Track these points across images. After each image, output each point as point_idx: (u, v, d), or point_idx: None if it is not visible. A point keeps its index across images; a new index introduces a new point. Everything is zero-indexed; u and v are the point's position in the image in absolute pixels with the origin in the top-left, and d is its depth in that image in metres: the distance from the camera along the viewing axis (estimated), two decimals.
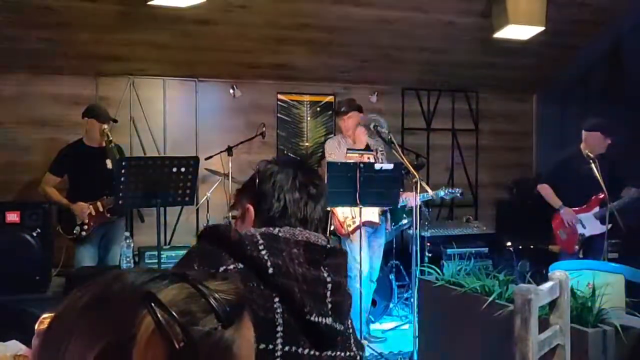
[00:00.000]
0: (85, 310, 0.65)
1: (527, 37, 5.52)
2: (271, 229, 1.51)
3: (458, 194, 5.28)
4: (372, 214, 4.76)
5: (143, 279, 0.67)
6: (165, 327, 0.62)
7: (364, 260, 4.53)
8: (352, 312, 1.61)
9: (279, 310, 1.39)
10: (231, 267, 1.40)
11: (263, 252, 1.41)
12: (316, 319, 1.42)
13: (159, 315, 0.62)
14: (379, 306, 5.33)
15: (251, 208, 1.62)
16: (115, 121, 4.89)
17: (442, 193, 5.11)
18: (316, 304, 1.43)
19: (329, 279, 1.48)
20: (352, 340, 1.56)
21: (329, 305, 1.46)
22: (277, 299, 1.39)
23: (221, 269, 1.39)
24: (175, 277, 0.68)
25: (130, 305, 0.64)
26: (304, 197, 1.60)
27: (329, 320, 1.45)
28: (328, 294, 1.47)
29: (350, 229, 4.75)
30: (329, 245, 1.53)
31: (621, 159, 5.03)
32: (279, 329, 1.38)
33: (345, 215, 4.79)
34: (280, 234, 1.49)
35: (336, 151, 4.87)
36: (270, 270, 1.39)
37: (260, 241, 1.44)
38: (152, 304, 0.63)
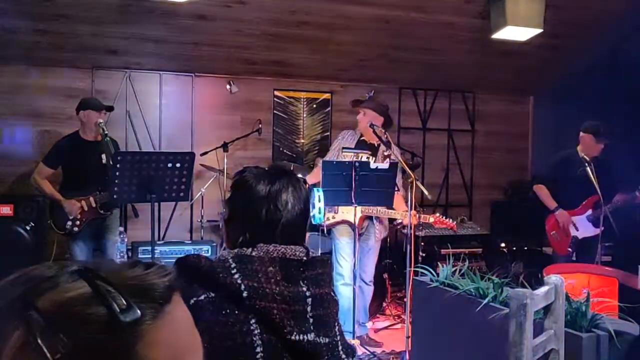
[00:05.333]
0: None
1: (525, 38, 5.52)
2: (244, 249, 1.49)
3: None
4: (350, 213, 4.55)
5: (41, 276, 0.60)
6: (37, 337, 0.53)
7: (349, 261, 4.51)
8: (341, 314, 1.61)
9: (256, 332, 1.38)
10: (202, 297, 1.38)
11: (236, 276, 1.40)
12: (297, 337, 1.41)
13: (31, 324, 0.54)
14: (372, 305, 5.33)
15: (226, 222, 1.62)
16: (111, 108, 4.85)
17: (432, 219, 4.72)
18: (297, 322, 1.42)
19: (308, 293, 1.47)
20: (340, 348, 1.54)
21: (311, 320, 1.46)
22: (253, 321, 1.38)
23: (191, 301, 1.37)
24: (75, 273, 0.60)
25: (8, 313, 0.56)
26: (277, 210, 1.54)
27: (311, 336, 1.44)
28: (309, 309, 1.46)
29: (328, 222, 4.72)
30: (305, 258, 1.51)
31: (616, 162, 5.04)
32: (259, 349, 1.38)
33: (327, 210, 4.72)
34: (254, 254, 1.47)
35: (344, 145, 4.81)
36: (245, 294, 1.38)
37: (233, 265, 1.42)
38: (27, 310, 0.55)
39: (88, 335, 0.55)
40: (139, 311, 0.57)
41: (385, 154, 4.70)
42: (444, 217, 4.69)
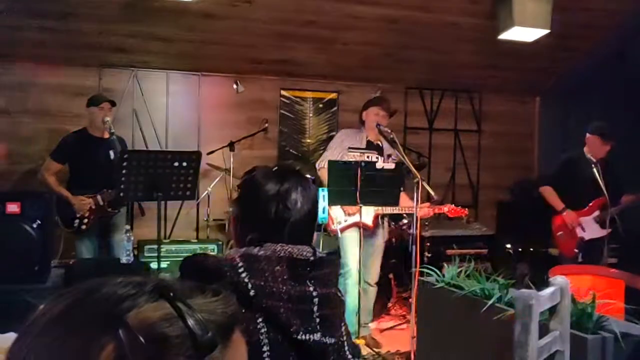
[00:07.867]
0: (49, 326, 0.59)
1: (532, 39, 5.51)
2: (252, 248, 1.49)
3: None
4: (365, 215, 4.61)
5: (119, 294, 0.60)
6: (129, 356, 0.55)
7: (356, 260, 4.50)
8: (347, 312, 1.62)
9: (263, 331, 1.39)
10: None
11: (243, 275, 1.40)
12: (303, 336, 1.42)
13: (124, 343, 0.56)
14: (377, 305, 5.32)
15: (234, 221, 1.62)
16: (113, 104, 4.84)
17: (445, 209, 4.76)
18: (303, 322, 1.43)
19: (315, 293, 1.47)
20: (346, 348, 1.55)
21: (317, 320, 1.46)
22: (260, 320, 1.39)
23: None
24: (155, 293, 0.61)
25: (95, 328, 0.57)
26: (286, 209, 1.53)
27: (317, 336, 1.44)
28: (315, 308, 1.46)
29: (340, 226, 4.72)
30: (312, 258, 1.51)
31: (623, 163, 5.03)
32: (265, 349, 1.39)
33: (335, 214, 4.73)
34: (261, 253, 1.46)
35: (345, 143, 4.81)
36: (252, 293, 1.39)
37: (240, 264, 1.43)
38: (118, 329, 0.56)
39: (172, 356, 0.58)
40: (214, 337, 0.61)
41: (388, 153, 4.72)
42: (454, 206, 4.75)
